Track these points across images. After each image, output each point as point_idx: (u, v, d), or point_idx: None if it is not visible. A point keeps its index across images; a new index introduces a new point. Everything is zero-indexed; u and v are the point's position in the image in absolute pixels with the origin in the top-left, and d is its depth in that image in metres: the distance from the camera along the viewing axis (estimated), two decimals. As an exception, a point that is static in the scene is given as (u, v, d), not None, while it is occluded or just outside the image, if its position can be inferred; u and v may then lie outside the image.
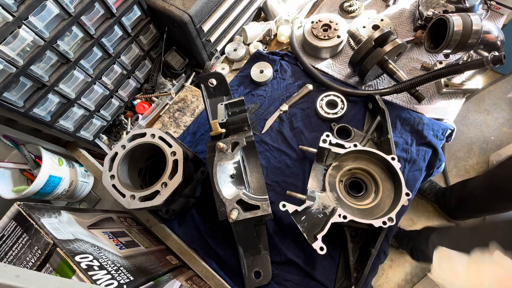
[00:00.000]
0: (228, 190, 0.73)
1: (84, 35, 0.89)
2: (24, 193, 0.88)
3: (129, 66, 1.12)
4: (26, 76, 0.81)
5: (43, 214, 0.63)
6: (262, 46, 1.28)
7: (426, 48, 0.91)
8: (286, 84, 1.15)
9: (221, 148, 0.71)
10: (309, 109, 1.08)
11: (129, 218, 0.98)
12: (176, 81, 1.26)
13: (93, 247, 0.64)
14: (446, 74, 0.88)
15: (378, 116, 0.97)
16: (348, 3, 1.25)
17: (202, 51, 1.19)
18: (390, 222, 0.74)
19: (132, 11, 1.00)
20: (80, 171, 1.08)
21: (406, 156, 0.97)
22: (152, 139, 0.78)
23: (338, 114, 1.04)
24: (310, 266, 0.87)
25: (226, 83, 0.94)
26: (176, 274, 0.81)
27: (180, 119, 1.17)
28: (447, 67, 0.88)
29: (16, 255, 0.57)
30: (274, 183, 0.99)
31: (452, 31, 0.80)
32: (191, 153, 0.89)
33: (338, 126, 1.01)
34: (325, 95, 1.07)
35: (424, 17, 1.07)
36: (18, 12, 0.72)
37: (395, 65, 1.00)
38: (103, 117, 1.12)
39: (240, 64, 1.25)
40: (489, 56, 0.79)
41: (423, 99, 0.99)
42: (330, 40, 1.14)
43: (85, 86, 0.99)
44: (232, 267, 0.90)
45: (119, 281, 0.59)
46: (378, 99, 0.98)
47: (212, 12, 1.10)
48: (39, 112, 0.89)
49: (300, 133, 1.05)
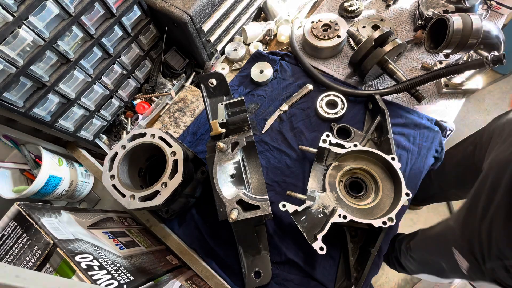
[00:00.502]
0: (228, 190, 0.73)
1: (84, 35, 0.89)
2: (24, 193, 0.88)
3: (129, 66, 1.12)
4: (26, 76, 0.81)
5: (43, 214, 0.63)
6: (262, 46, 1.28)
7: (426, 48, 0.91)
8: (286, 84, 1.15)
9: (221, 148, 0.71)
10: (309, 109, 1.08)
11: (129, 218, 0.98)
12: (176, 81, 1.26)
13: (93, 247, 0.64)
14: (446, 74, 0.89)
15: (378, 116, 0.97)
16: (348, 3, 1.25)
17: (202, 51, 1.19)
18: (390, 222, 0.74)
19: (132, 11, 1.00)
20: (80, 171, 1.08)
21: (407, 155, 0.97)
22: (152, 139, 0.78)
23: (338, 114, 1.04)
24: (310, 266, 0.87)
25: (226, 83, 0.94)
26: (176, 274, 0.81)
27: (180, 119, 1.17)
28: (447, 67, 0.88)
29: (16, 255, 0.57)
30: (274, 183, 0.99)
31: (452, 31, 0.80)
32: (191, 153, 0.89)
33: (338, 126, 1.01)
34: (325, 95, 1.07)
35: (424, 17, 1.07)
36: (18, 12, 0.72)
37: (395, 65, 1.00)
38: (103, 117, 1.12)
39: (240, 64, 1.25)
40: (489, 56, 0.80)
41: (423, 99, 0.99)
42: (330, 40, 1.14)
43: (85, 86, 0.99)
44: (232, 267, 0.90)
45: (119, 281, 0.59)
46: (378, 99, 0.98)
47: (212, 12, 1.10)
48: (39, 112, 0.89)
49: (300, 133, 1.05)
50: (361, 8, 1.24)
